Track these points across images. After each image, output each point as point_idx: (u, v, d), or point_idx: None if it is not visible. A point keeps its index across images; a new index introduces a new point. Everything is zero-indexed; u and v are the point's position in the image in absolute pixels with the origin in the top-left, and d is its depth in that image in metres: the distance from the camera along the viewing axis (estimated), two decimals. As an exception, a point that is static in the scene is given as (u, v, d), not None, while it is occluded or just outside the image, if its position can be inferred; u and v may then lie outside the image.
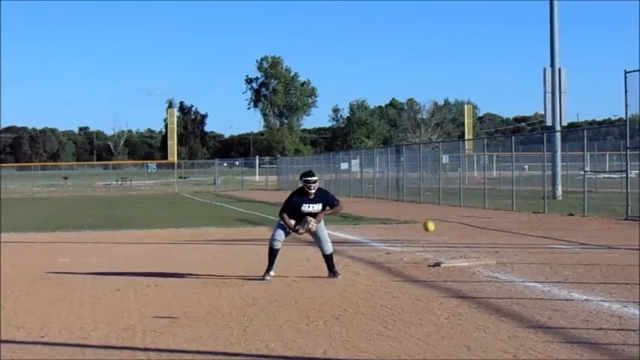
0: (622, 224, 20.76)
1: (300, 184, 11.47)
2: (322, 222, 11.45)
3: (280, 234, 11.35)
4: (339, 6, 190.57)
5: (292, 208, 11.28)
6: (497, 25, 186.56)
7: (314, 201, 11.27)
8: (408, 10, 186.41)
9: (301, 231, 11.28)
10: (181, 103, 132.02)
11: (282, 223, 11.35)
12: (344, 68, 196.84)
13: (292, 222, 11.28)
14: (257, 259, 13.90)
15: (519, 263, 12.57)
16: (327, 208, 11.44)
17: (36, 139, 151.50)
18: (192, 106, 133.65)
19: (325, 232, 11.49)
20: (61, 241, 18.43)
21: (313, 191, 11.26)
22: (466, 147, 49.64)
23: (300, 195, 11.32)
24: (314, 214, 11.25)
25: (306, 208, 11.23)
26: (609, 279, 10.73)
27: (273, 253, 11.33)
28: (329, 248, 11.40)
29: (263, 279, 11.17)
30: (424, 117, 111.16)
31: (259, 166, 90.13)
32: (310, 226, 11.17)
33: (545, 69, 34.66)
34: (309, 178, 11.27)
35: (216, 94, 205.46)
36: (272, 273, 11.32)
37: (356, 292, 9.98)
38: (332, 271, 11.37)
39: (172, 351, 6.96)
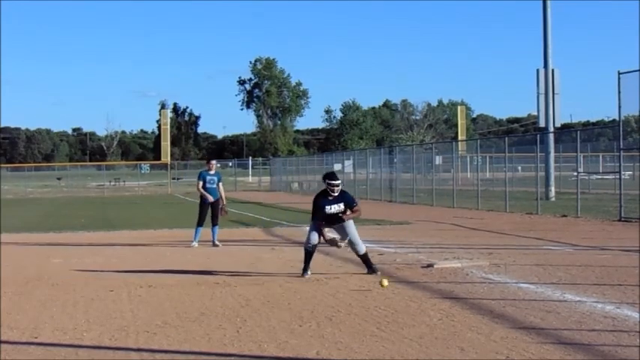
0: (615, 225, 20.80)
1: (324, 186, 11.67)
2: (352, 223, 11.71)
3: (314, 237, 11.55)
4: (332, 7, 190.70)
5: (320, 210, 11.48)
6: (491, 27, 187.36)
7: (336, 201, 11.51)
8: (401, 11, 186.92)
9: (340, 244, 11.53)
10: (175, 104, 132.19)
11: (315, 225, 11.53)
12: (338, 69, 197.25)
13: (332, 236, 11.53)
14: (251, 259, 13.93)
15: (512, 264, 12.58)
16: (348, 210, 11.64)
17: (31, 140, 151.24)
18: (187, 107, 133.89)
19: (356, 234, 11.70)
20: (55, 242, 18.38)
21: (336, 194, 11.51)
22: (459, 148, 49.68)
23: (324, 196, 11.56)
24: (336, 215, 11.47)
25: (328, 209, 11.47)
26: (602, 280, 10.74)
27: (308, 255, 11.63)
28: (362, 249, 11.69)
29: (303, 276, 11.45)
30: (417, 118, 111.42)
31: (252, 167, 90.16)
32: (340, 244, 11.52)
33: (538, 70, 34.72)
34: (332, 182, 11.50)
35: (209, 95, 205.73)
36: (309, 273, 11.56)
37: (349, 293, 9.98)
38: (370, 268, 11.65)
39: (165, 352, 6.95)
